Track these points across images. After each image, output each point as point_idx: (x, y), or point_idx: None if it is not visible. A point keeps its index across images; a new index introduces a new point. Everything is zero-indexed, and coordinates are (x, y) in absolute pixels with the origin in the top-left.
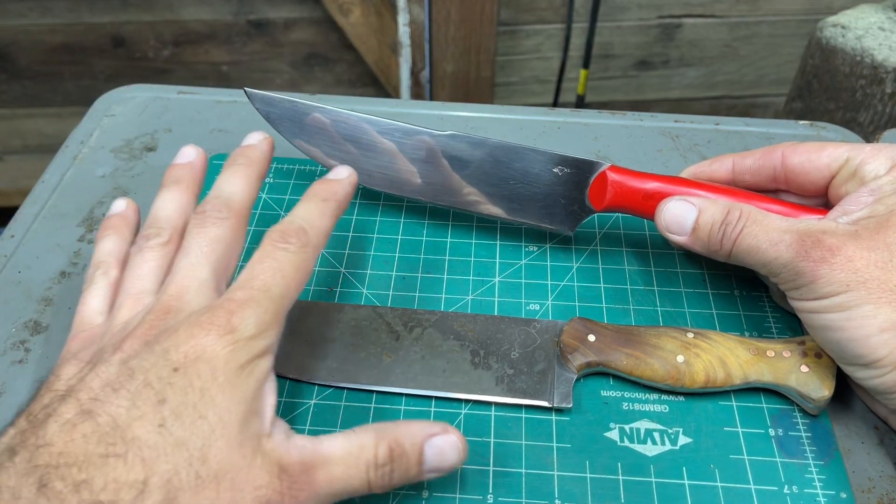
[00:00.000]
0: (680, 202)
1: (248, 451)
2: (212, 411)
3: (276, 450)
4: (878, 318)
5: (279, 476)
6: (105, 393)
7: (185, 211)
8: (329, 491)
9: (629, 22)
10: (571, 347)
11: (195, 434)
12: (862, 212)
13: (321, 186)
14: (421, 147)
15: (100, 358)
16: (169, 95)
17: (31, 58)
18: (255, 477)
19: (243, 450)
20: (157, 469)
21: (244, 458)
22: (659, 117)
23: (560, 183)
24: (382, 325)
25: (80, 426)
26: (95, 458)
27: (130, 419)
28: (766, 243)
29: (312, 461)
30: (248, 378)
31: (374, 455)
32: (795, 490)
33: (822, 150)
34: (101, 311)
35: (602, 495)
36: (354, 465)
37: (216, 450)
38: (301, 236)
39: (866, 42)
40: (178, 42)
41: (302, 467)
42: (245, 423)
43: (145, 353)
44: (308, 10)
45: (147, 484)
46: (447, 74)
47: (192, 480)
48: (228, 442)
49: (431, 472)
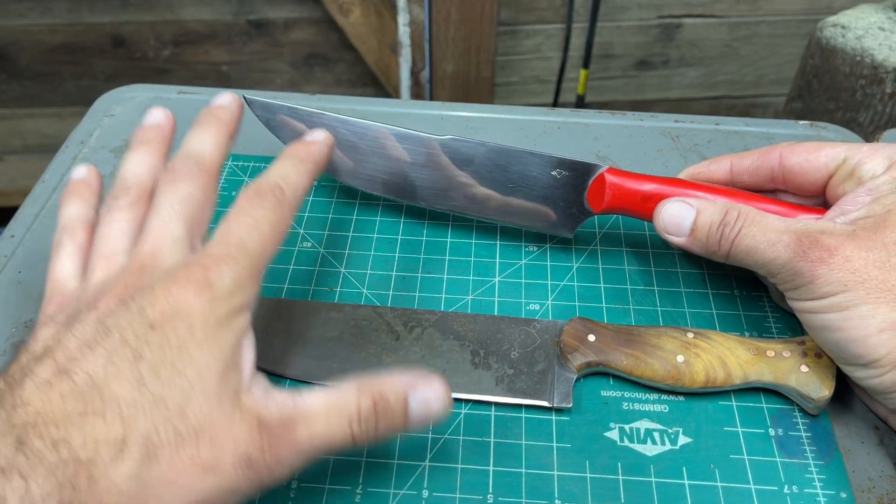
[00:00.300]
0: (678, 203)
1: (227, 406)
2: (190, 368)
3: (256, 405)
4: (876, 317)
5: (259, 431)
6: (81, 352)
7: (153, 171)
8: (310, 445)
9: (629, 22)
10: (571, 347)
11: (173, 391)
12: (859, 211)
13: (298, 147)
14: (420, 151)
15: (76, 318)
16: (169, 95)
17: (31, 58)
18: (235, 433)
19: (223, 406)
20: (135, 426)
21: (224, 414)
22: (659, 117)
23: (558, 186)
24: (382, 325)
25: (57, 385)
26: (74, 416)
27: (108, 377)
28: (763, 244)
29: (293, 416)
30: (227, 334)
31: (356, 408)
32: (795, 490)
33: (820, 150)
34: (74, 275)
35: (602, 495)
36: (336, 419)
37: (195, 406)
38: (277, 193)
39: (866, 42)
40: (178, 42)
41: (282, 422)
42: (224, 380)
43: (121, 311)
44: (308, 10)
45: (126, 441)
46: (447, 74)
47: (171, 437)
48: (207, 398)
49: (417, 423)
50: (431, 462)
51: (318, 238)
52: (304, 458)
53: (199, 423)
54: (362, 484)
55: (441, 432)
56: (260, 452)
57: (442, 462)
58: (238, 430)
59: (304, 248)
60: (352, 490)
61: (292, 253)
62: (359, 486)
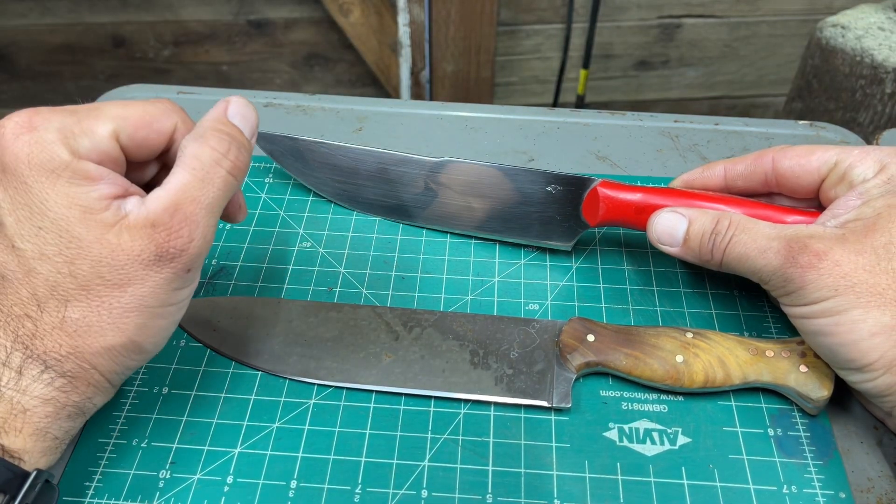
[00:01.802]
0: (670, 214)
1: (112, 237)
2: (48, 222)
3: (138, 219)
4: (867, 322)
5: (153, 232)
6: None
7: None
8: (207, 208)
9: (629, 22)
10: (571, 347)
11: (48, 245)
12: (849, 215)
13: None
14: (417, 175)
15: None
16: (169, 95)
17: (31, 58)
18: (128, 247)
19: (106, 238)
20: (35, 283)
21: (110, 245)
22: (659, 117)
23: (554, 201)
24: (382, 325)
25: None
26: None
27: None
28: (754, 251)
29: (174, 200)
30: (67, 178)
31: (214, 157)
32: (794, 490)
33: (812, 153)
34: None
35: (601, 495)
36: (206, 174)
37: (77, 251)
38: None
39: (866, 42)
40: (178, 42)
41: (168, 212)
42: (90, 219)
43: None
44: (308, 10)
45: (37, 296)
46: (447, 74)
47: (72, 283)
48: (82, 242)
49: (252, 138)
50: (430, 462)
51: (317, 238)
52: (211, 222)
53: (90, 265)
54: (362, 484)
55: (440, 432)
56: (164, 244)
57: (441, 462)
58: (131, 246)
59: (304, 248)
60: (351, 490)
61: (292, 253)
62: (358, 486)
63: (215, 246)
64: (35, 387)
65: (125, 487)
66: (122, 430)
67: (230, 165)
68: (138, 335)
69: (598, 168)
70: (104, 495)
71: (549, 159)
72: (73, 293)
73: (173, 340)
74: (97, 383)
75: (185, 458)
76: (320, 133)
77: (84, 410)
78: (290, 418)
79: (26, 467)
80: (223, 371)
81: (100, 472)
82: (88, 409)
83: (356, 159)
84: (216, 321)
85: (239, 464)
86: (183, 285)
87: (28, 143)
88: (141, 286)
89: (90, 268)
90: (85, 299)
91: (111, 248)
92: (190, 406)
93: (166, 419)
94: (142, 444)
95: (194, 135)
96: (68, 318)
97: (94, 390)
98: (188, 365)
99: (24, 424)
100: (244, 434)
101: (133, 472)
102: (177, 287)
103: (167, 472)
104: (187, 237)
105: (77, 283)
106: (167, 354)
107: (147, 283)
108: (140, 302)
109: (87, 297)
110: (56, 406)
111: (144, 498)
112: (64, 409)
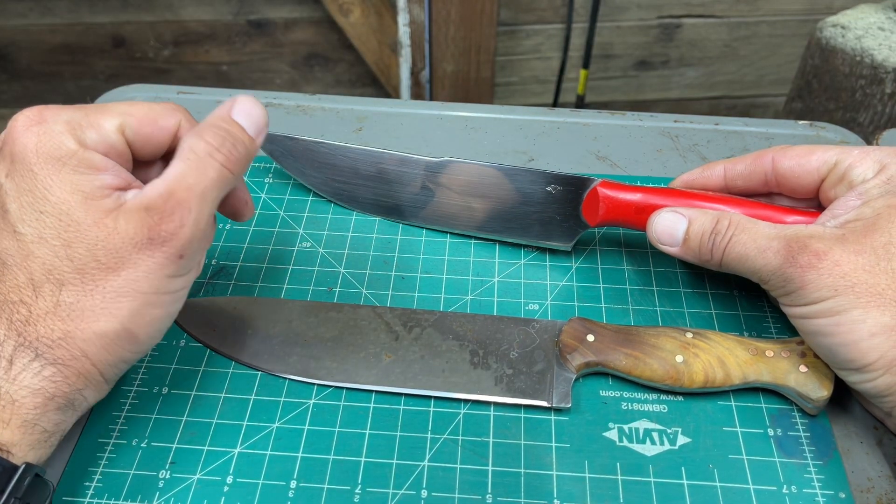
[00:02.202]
0: (670, 214)
1: (109, 221)
2: (49, 207)
3: (133, 204)
4: (866, 322)
5: (146, 215)
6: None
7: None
8: (200, 196)
9: (629, 22)
10: (570, 347)
11: (47, 228)
12: (849, 215)
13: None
14: (416, 175)
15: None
16: (169, 95)
17: (31, 58)
18: (124, 231)
19: (104, 222)
20: (32, 267)
21: (107, 229)
22: (659, 117)
23: (554, 201)
24: (381, 325)
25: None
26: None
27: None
28: (754, 251)
29: (168, 188)
30: (72, 166)
31: (208, 149)
32: (794, 490)
33: (812, 154)
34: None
35: (601, 495)
36: (200, 164)
37: (75, 234)
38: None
39: (866, 42)
40: (178, 42)
41: (162, 198)
42: (90, 205)
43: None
44: (308, 10)
45: (33, 280)
46: (447, 74)
47: (69, 266)
48: (81, 225)
49: (258, 136)
50: (430, 462)
51: (317, 238)
52: (206, 210)
53: (87, 249)
54: (362, 484)
55: (440, 432)
56: (157, 229)
57: (441, 462)
58: (126, 230)
59: (304, 248)
60: (351, 490)
61: (292, 253)
62: (358, 486)
63: (215, 246)
64: (24, 376)
65: (125, 487)
66: (121, 429)
67: (223, 158)
68: (131, 322)
69: (597, 168)
70: (104, 495)
71: (549, 159)
72: (69, 276)
73: (173, 340)
74: (88, 374)
75: (185, 458)
76: (320, 133)
77: (74, 403)
78: (289, 418)
79: (15, 461)
80: (223, 371)
81: (99, 471)
82: (79, 402)
83: (356, 159)
84: (216, 321)
85: (239, 464)
86: (176, 273)
87: (37, 134)
88: (134, 270)
89: (86, 250)
90: (80, 283)
91: (107, 231)
92: (190, 406)
93: (166, 419)
94: (141, 444)
95: (194, 130)
96: (62, 302)
97: (85, 381)
98: (188, 365)
99: (11, 416)
100: (244, 434)
101: (133, 472)
102: (170, 274)
103: (167, 472)
104: (178, 222)
105: (73, 265)
106: (167, 354)
107: (140, 266)
108: (133, 286)
109: (81, 280)
110: (45, 397)
111: (144, 498)
112: (53, 401)
